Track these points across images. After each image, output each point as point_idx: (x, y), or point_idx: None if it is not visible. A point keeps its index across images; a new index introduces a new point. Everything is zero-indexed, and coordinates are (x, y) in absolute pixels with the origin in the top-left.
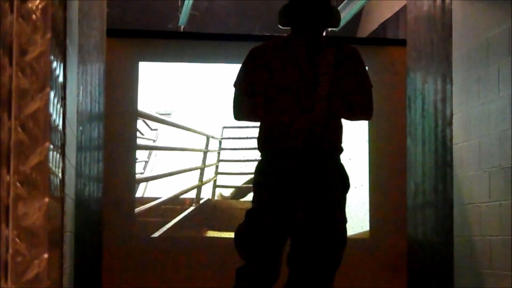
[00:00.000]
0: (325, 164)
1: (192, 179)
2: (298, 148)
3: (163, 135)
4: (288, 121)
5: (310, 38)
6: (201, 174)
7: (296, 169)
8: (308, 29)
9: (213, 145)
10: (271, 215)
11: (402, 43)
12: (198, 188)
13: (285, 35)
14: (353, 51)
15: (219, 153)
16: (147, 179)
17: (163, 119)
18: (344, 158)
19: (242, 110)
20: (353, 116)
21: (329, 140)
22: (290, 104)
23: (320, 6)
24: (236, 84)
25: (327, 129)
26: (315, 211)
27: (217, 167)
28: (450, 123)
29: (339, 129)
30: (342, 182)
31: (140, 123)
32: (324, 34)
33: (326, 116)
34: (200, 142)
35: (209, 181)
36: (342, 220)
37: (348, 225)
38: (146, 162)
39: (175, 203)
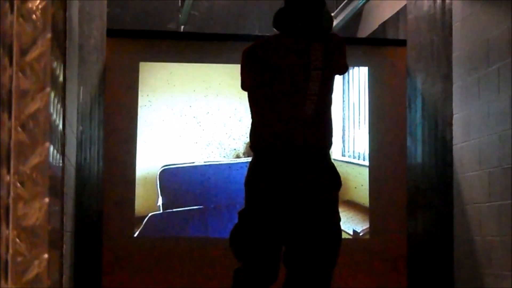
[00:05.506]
0: (316, 163)
1: None
2: (289, 147)
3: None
4: (279, 119)
5: (299, 36)
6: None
7: (287, 169)
8: (299, 33)
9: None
10: (263, 215)
11: (402, 43)
12: None
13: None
14: (341, 43)
15: None
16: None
17: None
18: (344, 157)
19: None
20: None
21: (320, 138)
22: (281, 102)
23: (314, 13)
24: (242, 87)
25: (317, 126)
26: (307, 211)
27: None
28: (450, 123)
29: (329, 124)
30: (333, 181)
31: None
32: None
33: (316, 112)
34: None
35: None
36: (335, 218)
37: (347, 225)
38: None
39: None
